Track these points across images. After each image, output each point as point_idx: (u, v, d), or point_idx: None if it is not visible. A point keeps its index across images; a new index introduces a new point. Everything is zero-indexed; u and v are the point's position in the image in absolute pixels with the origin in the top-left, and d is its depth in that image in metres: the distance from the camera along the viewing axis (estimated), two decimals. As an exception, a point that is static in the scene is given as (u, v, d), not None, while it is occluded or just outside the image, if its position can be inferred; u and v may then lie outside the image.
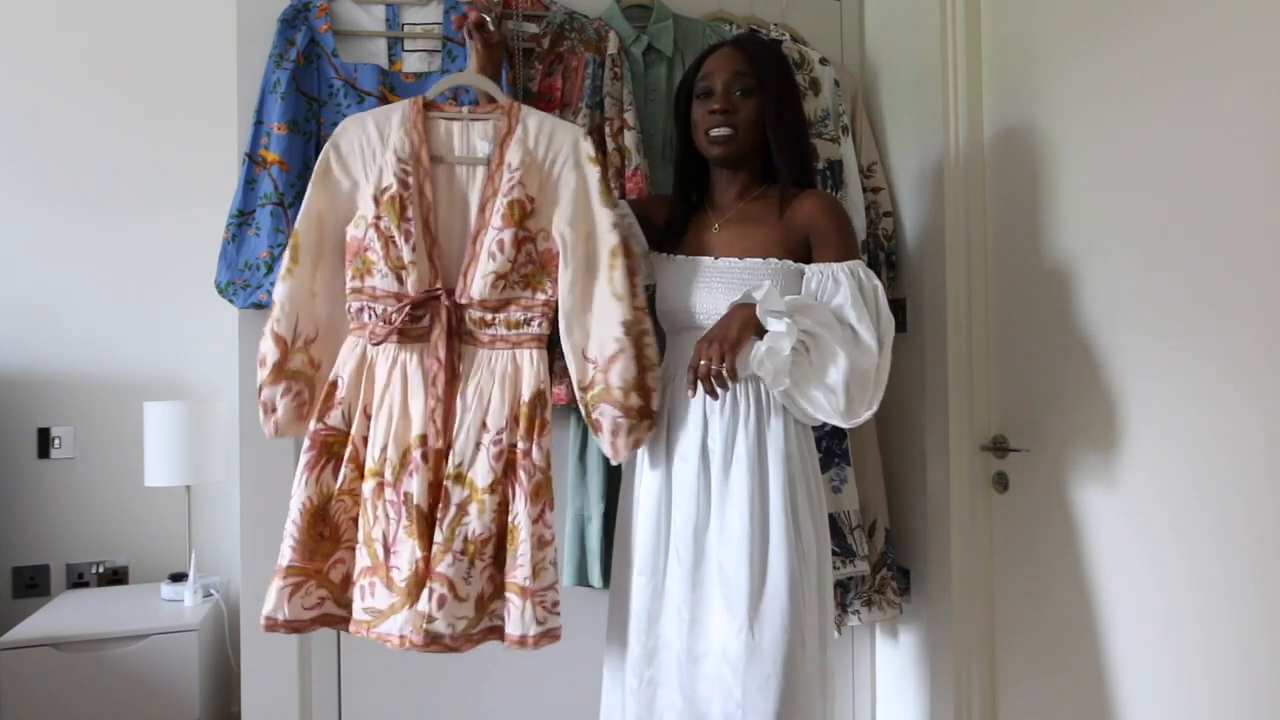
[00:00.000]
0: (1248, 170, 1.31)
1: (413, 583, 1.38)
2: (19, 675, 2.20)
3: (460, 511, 1.40)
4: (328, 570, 1.43)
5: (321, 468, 1.42)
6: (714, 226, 1.55)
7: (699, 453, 1.45)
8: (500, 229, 1.42)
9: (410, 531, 1.38)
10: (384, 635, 1.39)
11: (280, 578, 1.39)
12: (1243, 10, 1.32)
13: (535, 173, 1.45)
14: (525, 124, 1.47)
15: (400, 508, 1.39)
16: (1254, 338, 1.31)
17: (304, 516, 1.40)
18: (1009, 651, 1.81)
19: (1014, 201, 1.77)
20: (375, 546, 1.41)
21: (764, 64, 1.50)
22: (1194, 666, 1.41)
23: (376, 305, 1.42)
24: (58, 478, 2.70)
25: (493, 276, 1.41)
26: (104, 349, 2.73)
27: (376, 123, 1.46)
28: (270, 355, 1.42)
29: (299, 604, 1.40)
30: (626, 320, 1.42)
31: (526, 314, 1.45)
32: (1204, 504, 1.39)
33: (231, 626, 2.52)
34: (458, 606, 1.38)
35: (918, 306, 1.96)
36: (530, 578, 1.38)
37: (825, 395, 1.37)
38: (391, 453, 1.40)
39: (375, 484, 1.40)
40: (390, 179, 1.41)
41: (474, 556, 1.39)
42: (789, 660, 1.36)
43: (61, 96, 2.73)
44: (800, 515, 1.43)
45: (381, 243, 1.41)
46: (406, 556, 1.38)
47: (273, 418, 1.44)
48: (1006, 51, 1.79)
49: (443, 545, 1.38)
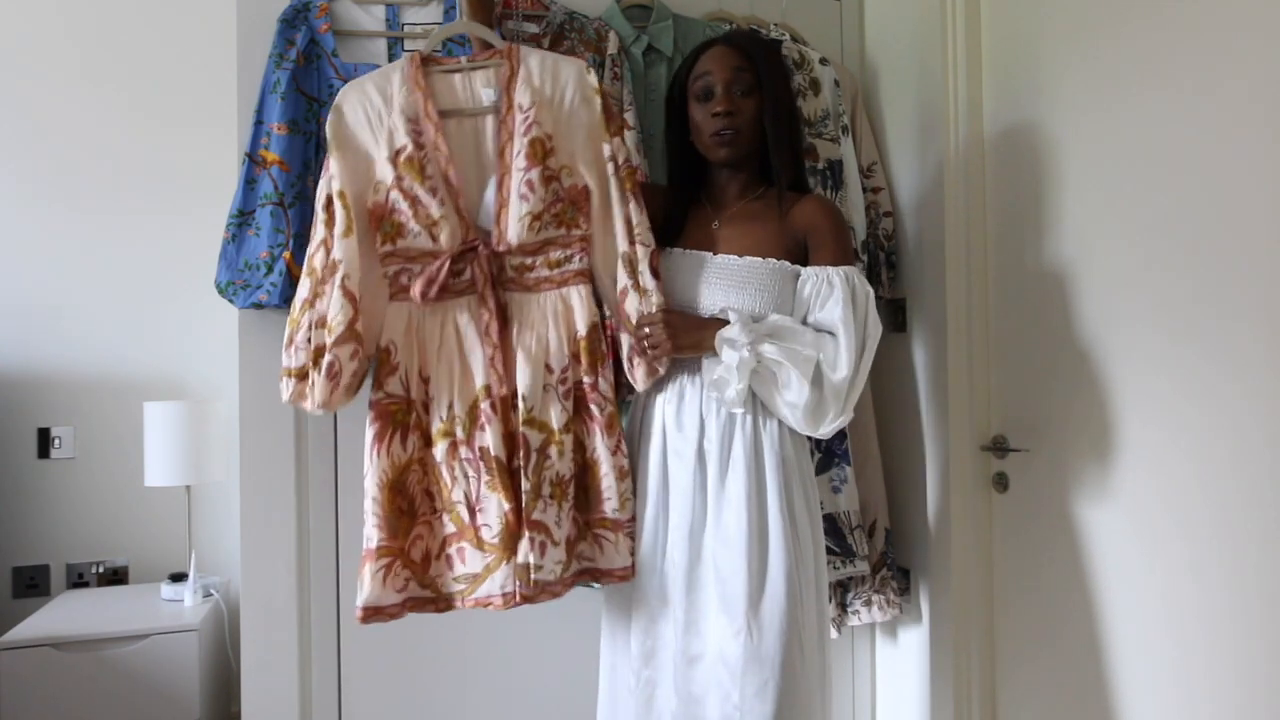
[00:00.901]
0: (1248, 171, 1.31)
1: (505, 537, 1.36)
2: (19, 675, 2.20)
3: (541, 456, 1.39)
4: (409, 548, 1.40)
5: (390, 438, 1.38)
6: (714, 223, 1.54)
7: (695, 454, 1.45)
8: (526, 169, 1.40)
9: (493, 485, 1.37)
10: (484, 599, 1.38)
11: (372, 561, 1.35)
12: (1243, 10, 1.32)
13: (548, 110, 1.43)
14: (527, 64, 1.45)
15: (478, 464, 1.38)
16: (1254, 337, 1.31)
17: (384, 491, 1.37)
18: (1009, 651, 1.81)
19: (1014, 201, 1.77)
20: (459, 509, 1.39)
21: (761, 61, 1.49)
22: (1194, 666, 1.41)
23: (414, 266, 1.40)
24: (58, 478, 2.70)
25: (529, 218, 1.40)
26: (104, 349, 2.74)
27: (377, 85, 1.43)
28: (342, 313, 1.35)
29: (390, 588, 1.36)
30: (624, 252, 1.44)
31: (565, 251, 1.44)
32: (1204, 504, 1.39)
33: (231, 626, 2.52)
34: (555, 551, 1.38)
35: (918, 306, 1.96)
36: (619, 509, 1.42)
37: (787, 410, 1.42)
38: (459, 409, 1.39)
39: (448, 444, 1.39)
40: (404, 139, 1.39)
41: (561, 499, 1.40)
42: (787, 663, 1.36)
43: (61, 97, 2.73)
44: (798, 518, 1.43)
45: (408, 203, 1.39)
46: (494, 512, 1.37)
47: (334, 383, 1.35)
48: (1007, 51, 1.79)
49: (531, 493, 1.37)
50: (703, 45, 1.54)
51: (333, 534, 1.70)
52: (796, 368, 1.38)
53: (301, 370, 1.39)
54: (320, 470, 1.70)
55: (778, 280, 1.46)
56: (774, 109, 1.49)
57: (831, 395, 1.40)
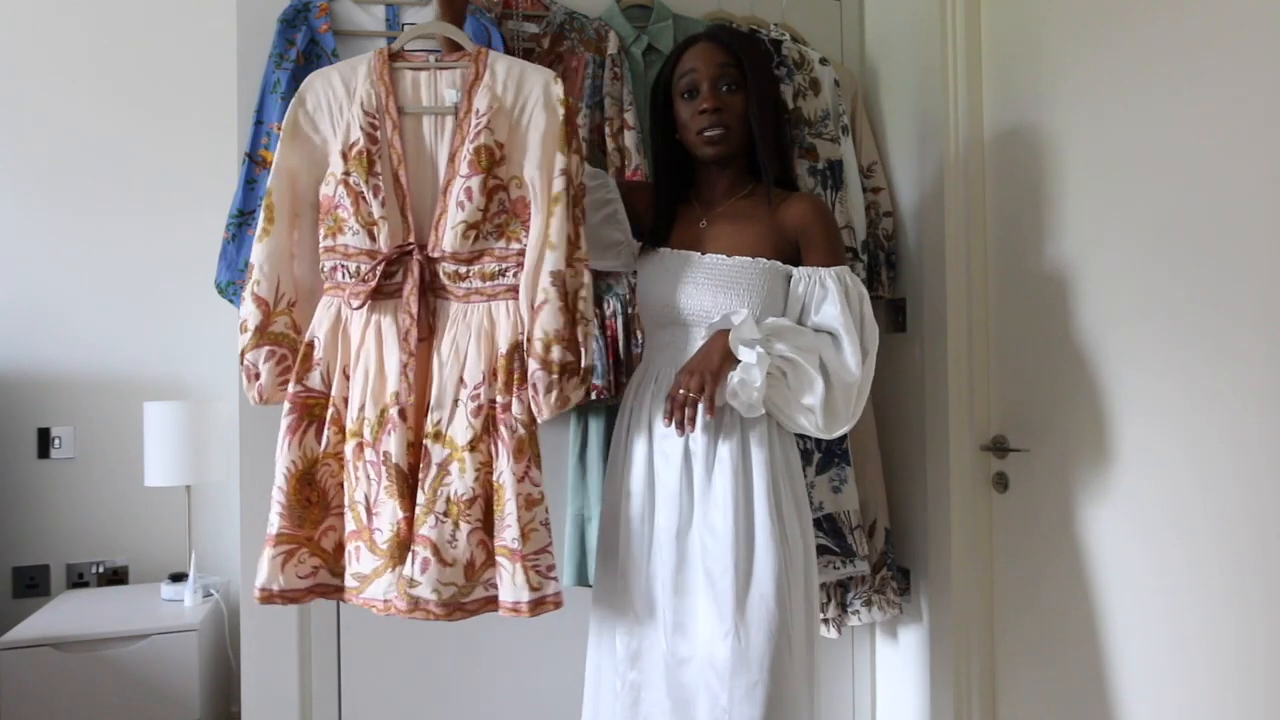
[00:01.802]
0: (1248, 171, 1.31)
1: (395, 545, 1.35)
2: (19, 675, 2.20)
3: (441, 471, 1.36)
4: (319, 538, 1.40)
5: (304, 431, 1.39)
6: (701, 222, 1.52)
7: (681, 455, 1.43)
8: (468, 176, 1.37)
9: (390, 492, 1.35)
10: (369, 600, 1.36)
11: (270, 546, 1.36)
12: (1244, 11, 1.32)
13: (504, 118, 1.40)
14: (493, 69, 1.42)
15: (380, 468, 1.36)
16: (1253, 338, 1.31)
17: (289, 481, 1.37)
18: (1009, 651, 1.81)
19: (1014, 201, 1.77)
20: (359, 509, 1.38)
21: (746, 57, 1.48)
22: (1194, 665, 1.41)
23: (349, 263, 1.39)
24: (58, 478, 2.70)
25: (463, 226, 1.36)
26: (104, 349, 2.73)
27: (342, 76, 1.42)
28: (252, 318, 1.39)
29: (292, 573, 1.37)
30: (555, 270, 1.35)
31: (501, 265, 1.40)
32: (1204, 503, 1.39)
33: (231, 626, 2.52)
34: (444, 571, 1.33)
35: (918, 306, 1.96)
36: (519, 539, 1.33)
37: (804, 416, 1.40)
38: (369, 412, 1.37)
39: (355, 444, 1.38)
40: (357, 133, 1.38)
41: (458, 518, 1.35)
42: (775, 666, 1.35)
43: (61, 97, 2.73)
44: (786, 518, 1.41)
45: (351, 199, 1.37)
46: (388, 518, 1.35)
47: (256, 384, 1.40)
48: (1007, 51, 1.79)
49: (425, 506, 1.35)
50: (686, 41, 1.52)
51: (333, 534, 1.70)
52: (809, 365, 1.36)
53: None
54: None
55: (767, 280, 1.44)
56: (760, 105, 1.47)
57: (842, 396, 1.39)
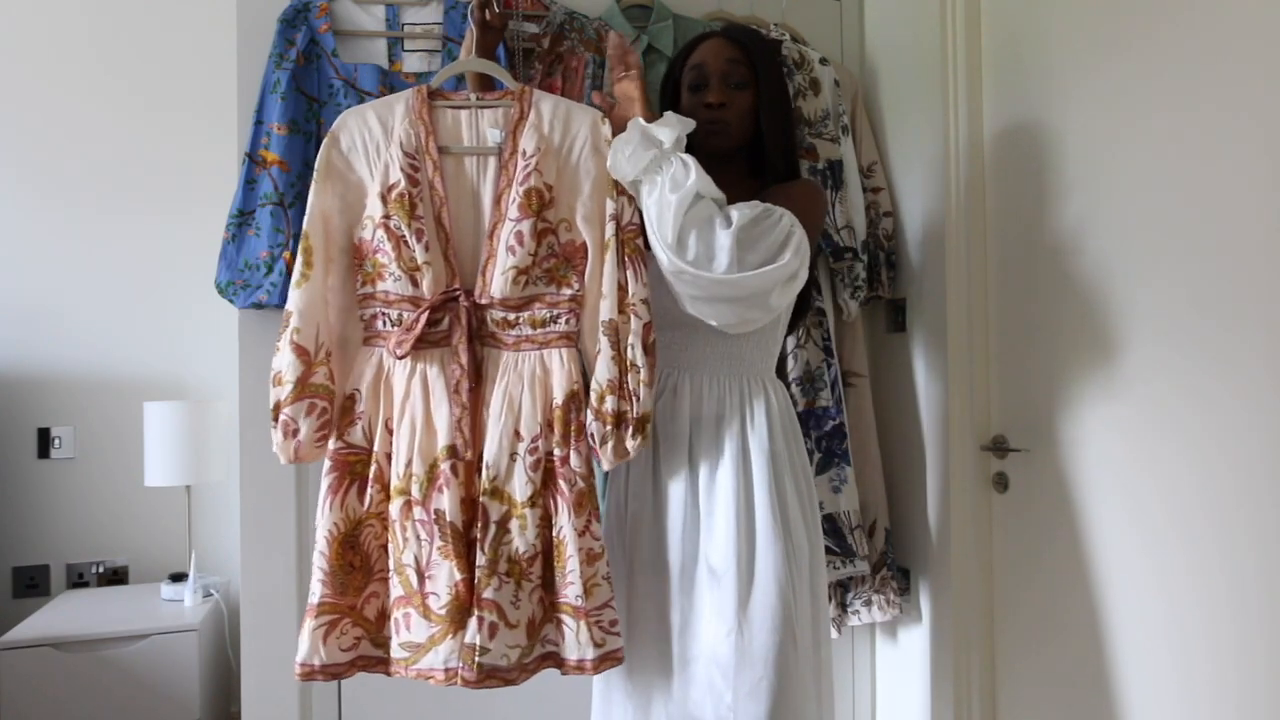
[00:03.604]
0: (1247, 173, 1.31)
1: (454, 609, 1.26)
2: (19, 675, 2.21)
3: (501, 529, 1.29)
4: (361, 606, 1.31)
5: (346, 490, 1.31)
6: None
7: (686, 454, 1.43)
8: (518, 220, 1.31)
9: (446, 552, 1.27)
10: (426, 672, 1.28)
11: (312, 618, 1.27)
12: (1244, 12, 1.32)
13: (552, 159, 1.35)
14: (539, 109, 1.37)
15: (432, 527, 1.28)
16: (1252, 339, 1.31)
17: (331, 545, 1.28)
18: (1009, 651, 1.81)
19: (1014, 202, 1.77)
20: (407, 573, 1.29)
21: (757, 55, 1.47)
22: (1194, 665, 1.41)
23: (391, 311, 1.32)
24: (58, 478, 2.70)
25: (514, 272, 1.31)
26: (104, 349, 2.74)
27: (378, 115, 1.36)
28: (291, 369, 1.29)
29: (335, 646, 1.28)
30: (607, 319, 1.31)
31: (552, 311, 1.34)
32: (1204, 503, 1.39)
33: (231, 626, 2.52)
34: (510, 634, 1.27)
35: (918, 306, 1.96)
36: (583, 596, 1.27)
37: (656, 224, 1.29)
38: (418, 468, 1.28)
39: (402, 503, 1.29)
40: (398, 174, 1.31)
41: (520, 577, 1.29)
42: (780, 662, 1.34)
43: (61, 97, 2.73)
44: (790, 515, 1.40)
45: (392, 244, 1.31)
46: (444, 581, 1.27)
47: (294, 441, 1.29)
48: (1006, 51, 1.79)
49: (487, 568, 1.27)
50: (699, 37, 1.52)
51: (333, 534, 1.70)
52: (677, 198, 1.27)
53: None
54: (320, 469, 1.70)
55: None
56: (769, 105, 1.46)
57: (706, 230, 1.28)
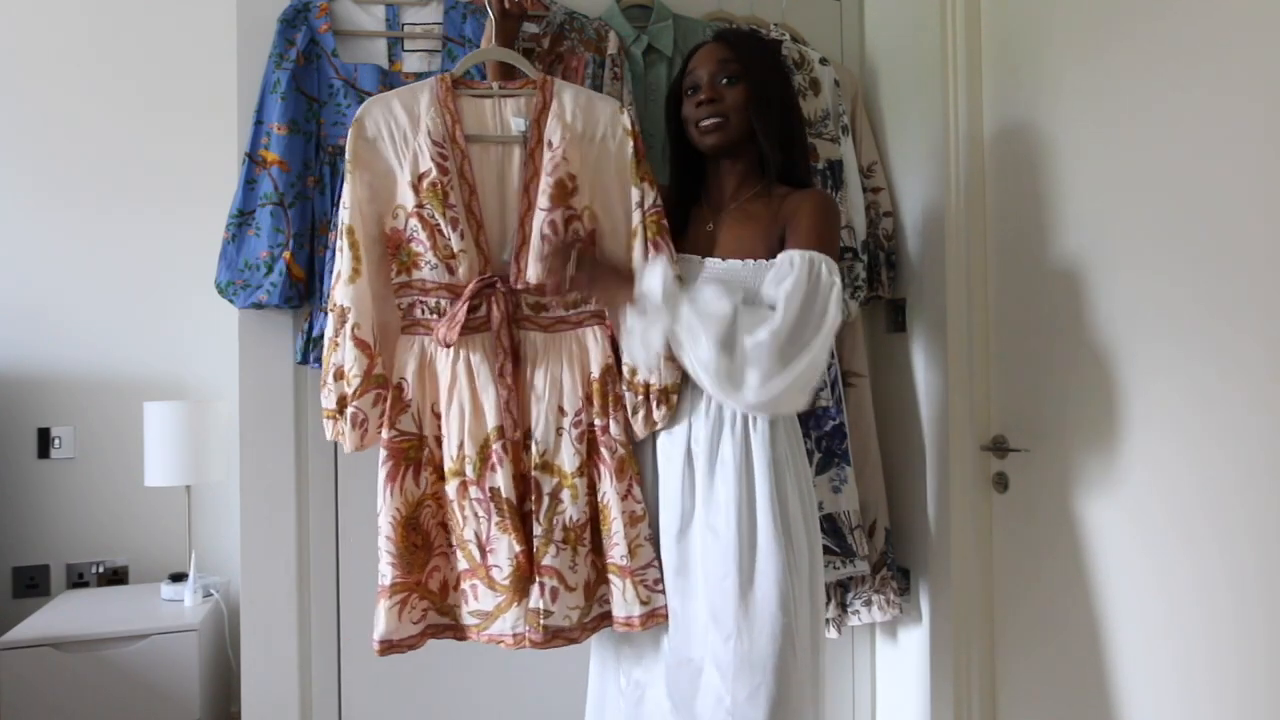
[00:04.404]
0: (1249, 173, 1.31)
1: (516, 579, 1.36)
2: (19, 675, 2.20)
3: (554, 500, 1.39)
4: (425, 580, 1.41)
5: (402, 476, 1.38)
6: (708, 225, 1.52)
7: (684, 455, 1.43)
8: (549, 210, 1.38)
9: (504, 527, 1.36)
10: (496, 636, 1.38)
11: (386, 597, 1.36)
12: (1247, 13, 1.32)
13: (577, 149, 1.41)
14: (561, 98, 1.41)
15: (489, 505, 1.37)
16: (1254, 338, 1.31)
17: (397, 529, 1.36)
18: (1009, 651, 1.81)
19: (1014, 201, 1.77)
20: (470, 548, 1.39)
21: (746, 51, 1.48)
22: (1194, 665, 1.41)
23: (429, 299, 1.38)
24: (58, 478, 2.70)
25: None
26: (104, 349, 2.74)
27: (403, 103, 1.39)
28: (357, 363, 1.35)
29: (408, 620, 1.37)
30: None
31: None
32: (1204, 504, 1.39)
33: (231, 626, 2.52)
34: (570, 597, 1.37)
35: (918, 306, 1.96)
36: (627, 556, 1.38)
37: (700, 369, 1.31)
38: (469, 449, 1.36)
39: (458, 484, 1.37)
40: (428, 163, 1.35)
41: (575, 544, 1.39)
42: (780, 667, 1.34)
43: (61, 96, 2.73)
44: (792, 521, 1.39)
45: (427, 232, 1.36)
46: (504, 554, 1.37)
47: (360, 430, 1.37)
48: (1006, 51, 1.79)
49: (544, 538, 1.37)
50: (694, 49, 1.54)
51: (333, 534, 1.71)
52: (704, 326, 1.28)
53: (334, 412, 1.39)
54: (320, 469, 1.70)
55: (762, 281, 1.40)
56: (760, 97, 1.45)
57: (742, 359, 1.28)
